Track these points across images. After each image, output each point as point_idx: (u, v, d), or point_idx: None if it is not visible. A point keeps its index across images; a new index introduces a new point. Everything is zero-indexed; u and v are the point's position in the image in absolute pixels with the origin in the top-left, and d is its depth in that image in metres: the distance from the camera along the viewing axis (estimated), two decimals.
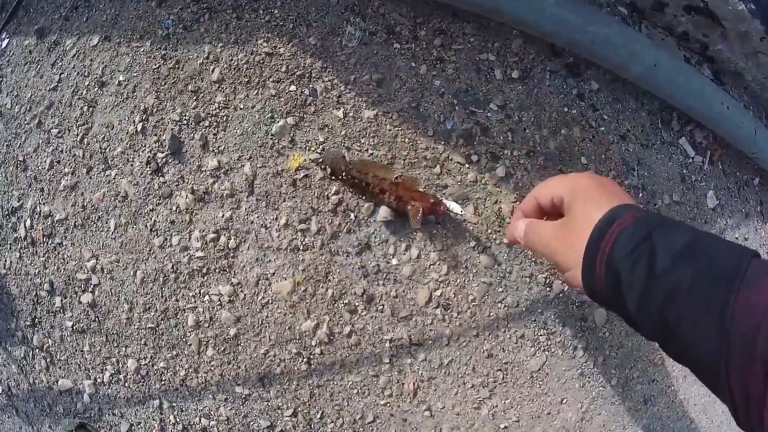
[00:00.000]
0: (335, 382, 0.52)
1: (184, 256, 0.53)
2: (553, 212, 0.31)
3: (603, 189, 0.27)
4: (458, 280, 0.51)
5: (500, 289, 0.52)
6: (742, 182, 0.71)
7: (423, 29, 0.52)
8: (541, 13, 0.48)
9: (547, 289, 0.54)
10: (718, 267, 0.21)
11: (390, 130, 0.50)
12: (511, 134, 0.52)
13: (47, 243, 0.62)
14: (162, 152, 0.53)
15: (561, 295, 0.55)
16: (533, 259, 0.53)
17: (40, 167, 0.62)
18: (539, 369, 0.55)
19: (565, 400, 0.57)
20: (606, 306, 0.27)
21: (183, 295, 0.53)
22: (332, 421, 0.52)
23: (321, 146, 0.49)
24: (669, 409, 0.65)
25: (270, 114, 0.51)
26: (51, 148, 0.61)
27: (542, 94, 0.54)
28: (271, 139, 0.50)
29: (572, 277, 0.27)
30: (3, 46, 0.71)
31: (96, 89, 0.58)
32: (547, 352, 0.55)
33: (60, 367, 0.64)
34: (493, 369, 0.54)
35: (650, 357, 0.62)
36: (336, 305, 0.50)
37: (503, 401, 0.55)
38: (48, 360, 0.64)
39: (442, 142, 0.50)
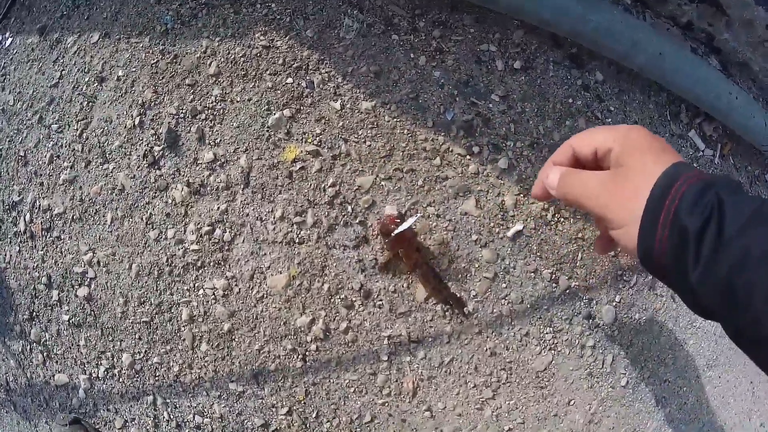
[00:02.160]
0: (331, 380, 0.50)
1: (179, 249, 0.52)
2: (590, 166, 0.27)
3: (659, 143, 0.25)
4: (459, 275, 0.49)
5: (503, 285, 0.51)
6: (753, 176, 0.68)
7: (422, 21, 0.51)
8: (540, 0, 0.47)
9: (553, 285, 0.52)
10: None
11: (388, 122, 0.49)
12: (513, 125, 0.51)
13: (46, 237, 0.61)
14: (159, 145, 0.53)
15: (568, 291, 0.53)
16: (538, 254, 0.51)
17: (40, 162, 0.62)
18: (545, 369, 0.53)
19: (572, 402, 0.55)
20: (659, 273, 0.23)
21: (177, 288, 0.52)
22: (328, 421, 0.51)
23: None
24: (681, 411, 0.62)
25: (266, 106, 0.50)
26: (51, 143, 0.62)
27: (545, 85, 0.52)
28: (268, 131, 0.50)
29: (624, 235, 0.24)
30: (6, 44, 0.72)
31: (96, 85, 0.58)
32: (553, 351, 0.53)
33: (56, 362, 0.63)
34: (496, 368, 0.52)
35: (662, 357, 0.60)
36: (332, 300, 0.49)
37: (507, 402, 0.52)
38: (45, 354, 0.64)
39: (442, 134, 0.49)
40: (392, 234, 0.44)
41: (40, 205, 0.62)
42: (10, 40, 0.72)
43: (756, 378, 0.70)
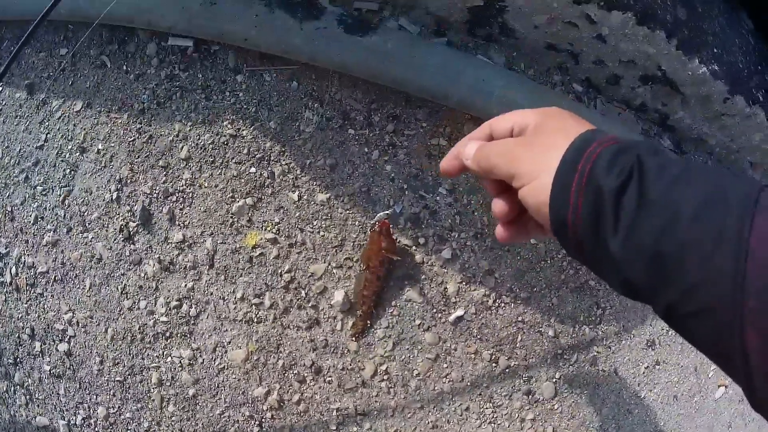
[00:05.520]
0: None
1: (150, 320, 0.61)
2: None
3: (577, 116, 0.25)
4: (403, 356, 0.58)
5: (445, 365, 0.59)
6: None
7: (377, 115, 0.58)
8: (488, 96, 0.54)
9: (493, 365, 0.60)
10: (725, 193, 0.18)
11: (341, 213, 0.57)
12: (459, 217, 0.58)
13: (30, 291, 0.71)
14: (133, 222, 0.62)
15: (507, 369, 0.61)
16: (478, 337, 0.59)
17: (25, 220, 0.72)
18: None
19: None
20: (573, 245, 0.22)
21: (148, 354, 0.62)
22: None
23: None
24: None
25: (231, 194, 0.58)
26: (36, 204, 0.71)
27: None
28: (231, 217, 0.58)
29: (535, 188, 0.22)
30: None
31: (77, 154, 0.67)
32: (493, 425, 0.61)
33: (38, 405, 0.73)
34: None
35: (605, 427, 0.67)
36: (286, 374, 0.58)
37: None
38: (27, 397, 0.74)
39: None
40: (384, 228, 0.53)
41: (25, 261, 0.71)
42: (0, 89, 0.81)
43: None
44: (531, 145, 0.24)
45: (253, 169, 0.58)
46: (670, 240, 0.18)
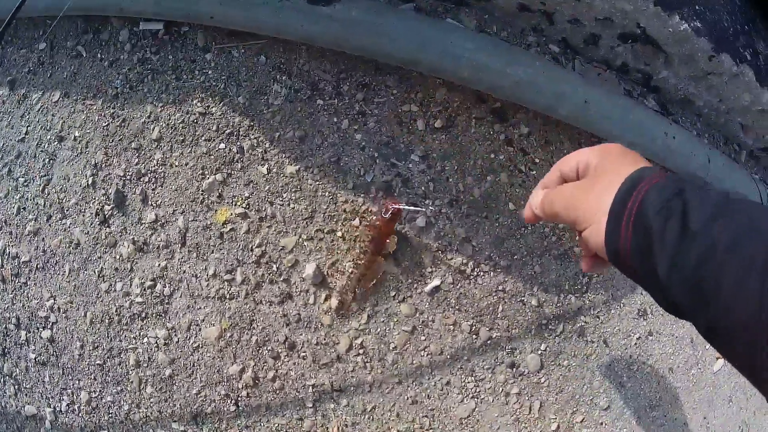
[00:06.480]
0: (262, 424, 0.58)
1: (126, 301, 0.61)
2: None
3: (633, 153, 0.28)
4: (378, 329, 0.56)
5: (423, 337, 0.57)
6: None
7: (346, 84, 0.58)
8: (458, 60, 0.53)
9: (473, 336, 0.58)
10: (758, 225, 0.20)
11: (311, 185, 0.56)
12: (432, 184, 0.57)
13: (15, 282, 0.72)
14: (108, 205, 0.62)
15: (489, 341, 0.59)
16: (457, 307, 0.57)
17: (9, 212, 0.73)
18: (468, 415, 0.59)
19: None
20: (630, 272, 0.25)
21: (125, 336, 0.61)
22: None
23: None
24: None
25: (201, 171, 0.58)
26: (18, 195, 0.72)
27: (467, 142, 0.58)
28: (202, 194, 0.58)
29: (593, 233, 0.25)
30: None
31: (56, 143, 0.68)
32: (476, 399, 0.59)
33: (26, 394, 0.73)
34: (418, 415, 0.58)
35: (595, 401, 0.65)
36: (260, 351, 0.57)
37: None
38: (16, 387, 0.74)
39: (362, 195, 0.56)
40: (396, 209, 0.52)
41: (9, 252, 0.72)
42: None
43: (711, 413, 0.74)
44: (588, 189, 0.27)
45: (222, 145, 0.58)
46: (709, 267, 0.21)
